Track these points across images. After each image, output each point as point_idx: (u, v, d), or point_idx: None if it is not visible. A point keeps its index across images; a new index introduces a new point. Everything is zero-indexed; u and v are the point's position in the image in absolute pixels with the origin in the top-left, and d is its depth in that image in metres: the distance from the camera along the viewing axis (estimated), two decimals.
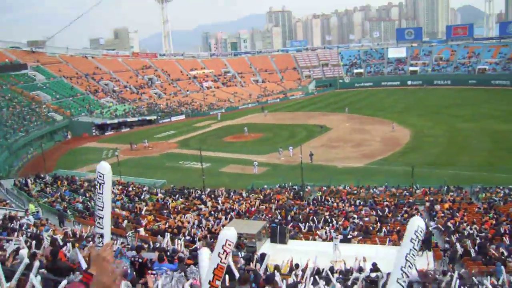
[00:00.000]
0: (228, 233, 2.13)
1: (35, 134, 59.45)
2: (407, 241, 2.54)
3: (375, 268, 14.33)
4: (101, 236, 2.71)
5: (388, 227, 24.20)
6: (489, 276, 16.71)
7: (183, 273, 8.37)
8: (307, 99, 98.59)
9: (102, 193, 2.76)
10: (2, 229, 17.63)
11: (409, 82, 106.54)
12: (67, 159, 53.71)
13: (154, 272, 10.50)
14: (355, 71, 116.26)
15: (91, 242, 17.02)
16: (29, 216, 22.91)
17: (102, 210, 2.74)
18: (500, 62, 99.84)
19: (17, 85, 73.75)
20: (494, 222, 23.89)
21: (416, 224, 2.62)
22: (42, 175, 39.03)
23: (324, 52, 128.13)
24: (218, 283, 2.09)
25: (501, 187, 33.06)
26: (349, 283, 12.53)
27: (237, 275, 7.53)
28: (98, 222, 2.75)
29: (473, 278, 16.59)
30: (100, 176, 2.77)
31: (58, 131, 67.01)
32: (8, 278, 6.29)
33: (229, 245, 2.11)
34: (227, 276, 8.19)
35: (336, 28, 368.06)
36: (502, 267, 16.93)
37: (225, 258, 2.08)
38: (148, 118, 77.10)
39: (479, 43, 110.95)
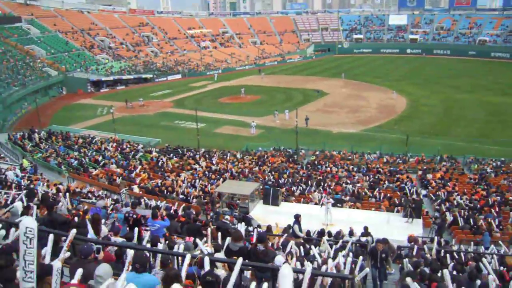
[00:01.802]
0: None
1: (30, 89, 58.81)
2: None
3: (366, 232, 14.56)
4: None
5: (380, 193, 24.47)
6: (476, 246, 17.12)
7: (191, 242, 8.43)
8: (305, 63, 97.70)
9: (33, 247, 2.67)
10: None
11: (408, 51, 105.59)
12: (61, 115, 53.41)
13: (147, 228, 10.66)
14: (355, 36, 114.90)
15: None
16: (15, 170, 22.94)
17: (33, 264, 2.65)
18: (501, 34, 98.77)
19: (10, 38, 72.36)
20: (484, 193, 24.21)
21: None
22: (36, 130, 38.85)
23: (324, 16, 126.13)
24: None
25: (493, 159, 33.37)
26: (339, 245, 12.75)
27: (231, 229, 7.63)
28: (30, 277, 2.65)
29: (458, 245, 16.97)
30: (30, 231, 2.66)
31: (52, 87, 66.34)
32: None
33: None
34: (220, 234, 8.32)
35: None
36: (489, 237, 17.32)
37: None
38: (144, 76, 76.36)
39: (482, 13, 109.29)
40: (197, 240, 7.56)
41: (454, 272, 10.24)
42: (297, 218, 14.29)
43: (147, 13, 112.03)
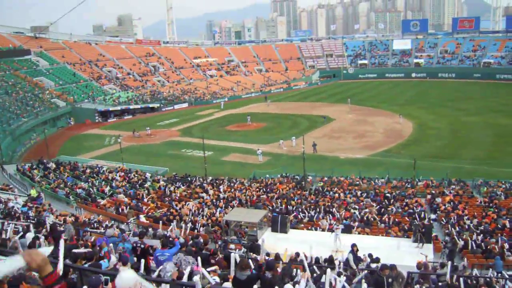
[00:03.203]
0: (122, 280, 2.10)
1: (38, 120, 59.51)
2: None
3: (373, 259, 14.39)
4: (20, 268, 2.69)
5: (389, 218, 24.25)
6: (490, 269, 16.82)
7: (186, 256, 8.42)
8: (310, 89, 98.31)
9: None
10: (5, 214, 17.79)
11: (413, 75, 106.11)
12: (69, 145, 53.82)
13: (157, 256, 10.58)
14: (360, 62, 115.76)
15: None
16: (17, 200, 23.05)
17: None
18: (505, 56, 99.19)
19: (20, 71, 73.70)
20: (495, 216, 23.92)
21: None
22: (45, 161, 39.15)
23: (329, 43, 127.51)
24: None
25: (502, 181, 33.04)
26: (349, 273, 12.59)
27: (238, 260, 7.58)
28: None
29: (470, 270, 16.67)
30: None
31: (61, 117, 67.07)
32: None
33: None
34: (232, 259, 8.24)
35: (341, 19, 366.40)
36: (501, 261, 17.03)
37: None
38: (151, 105, 77.06)
39: (485, 36, 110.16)
40: (203, 270, 7.53)
41: None
42: (353, 247, 14.05)
43: (154, 44, 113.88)
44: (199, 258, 8.26)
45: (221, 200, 28.33)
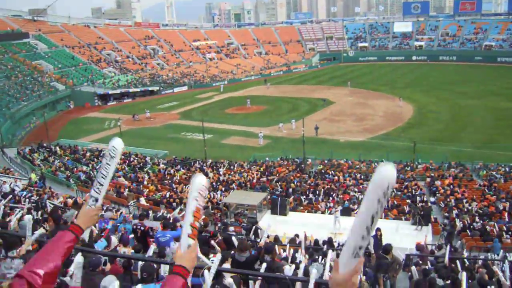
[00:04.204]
0: (197, 179, 2.18)
1: (38, 104, 59.37)
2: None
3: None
4: (96, 200, 2.79)
5: (388, 201, 24.34)
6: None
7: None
8: (310, 72, 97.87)
9: (110, 165, 2.81)
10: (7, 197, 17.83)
11: (414, 57, 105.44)
12: (69, 129, 53.81)
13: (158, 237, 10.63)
14: (360, 45, 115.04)
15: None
16: (17, 183, 23.14)
17: (105, 178, 2.79)
18: (507, 39, 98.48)
19: (19, 54, 73.24)
20: (494, 199, 24.03)
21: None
22: (45, 144, 39.20)
23: (329, 25, 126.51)
24: (197, 224, 2.20)
25: (502, 165, 33.16)
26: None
27: (236, 243, 7.63)
28: (98, 188, 2.80)
29: (468, 252, 16.82)
30: (114, 150, 2.80)
31: (60, 101, 66.88)
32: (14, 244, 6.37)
33: (202, 189, 2.17)
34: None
35: (341, 1, 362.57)
36: (499, 243, 17.15)
37: (202, 202, 2.19)
38: (150, 88, 76.79)
39: (487, 18, 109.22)
40: (200, 254, 7.58)
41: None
42: (376, 232, 14.02)
43: (153, 26, 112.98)
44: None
45: (221, 183, 28.44)
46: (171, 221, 14.75)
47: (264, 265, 6.53)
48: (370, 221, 1.85)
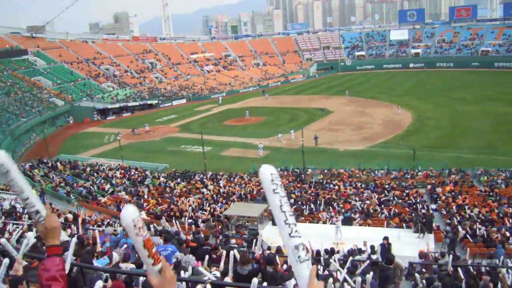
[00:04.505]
0: (127, 217, 2.08)
1: (37, 120, 59.45)
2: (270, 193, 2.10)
3: (374, 250, 14.43)
4: (37, 212, 2.72)
5: (389, 209, 24.29)
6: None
7: (190, 255, 8.44)
8: (308, 82, 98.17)
9: (13, 178, 2.72)
10: (8, 214, 17.81)
11: (411, 65, 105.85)
12: (69, 144, 53.82)
13: (159, 251, 10.57)
14: (357, 53, 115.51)
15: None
16: (18, 200, 23.08)
17: (24, 192, 2.71)
18: (503, 44, 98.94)
19: (18, 71, 73.48)
20: (495, 205, 23.96)
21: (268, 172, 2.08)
22: (45, 160, 39.18)
23: (326, 35, 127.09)
24: (154, 250, 2.14)
25: (503, 170, 33.10)
26: (349, 265, 12.62)
27: (237, 256, 7.59)
28: (28, 204, 2.72)
29: (471, 259, 16.71)
30: (1, 166, 2.71)
31: (60, 116, 66.98)
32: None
33: (137, 221, 2.08)
34: (231, 256, 8.27)
35: (337, 10, 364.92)
36: (502, 249, 17.06)
37: (144, 232, 2.10)
38: (149, 102, 76.98)
39: (483, 24, 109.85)
40: (200, 267, 7.54)
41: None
42: (383, 241, 14.00)
43: (150, 40, 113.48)
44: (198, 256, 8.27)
45: (221, 195, 28.38)
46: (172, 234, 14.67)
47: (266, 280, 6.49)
48: (282, 215, 2.00)
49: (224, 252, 10.58)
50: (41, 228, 2.63)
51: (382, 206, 25.18)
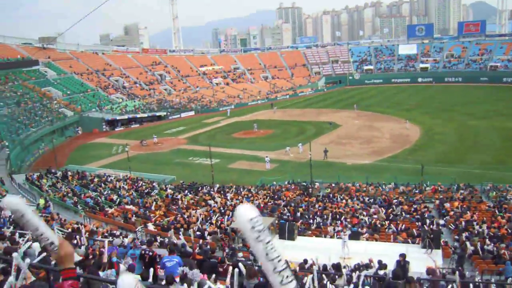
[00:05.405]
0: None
1: (46, 130, 59.97)
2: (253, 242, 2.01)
3: (381, 265, 14.32)
4: (52, 243, 2.78)
5: (397, 224, 24.13)
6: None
7: (195, 270, 8.44)
8: (316, 95, 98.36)
9: (28, 220, 2.77)
10: (15, 224, 17.88)
11: (419, 79, 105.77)
12: (77, 155, 54.15)
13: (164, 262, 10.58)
14: (365, 67, 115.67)
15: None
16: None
17: (38, 230, 2.77)
18: None
19: (28, 81, 74.38)
20: (504, 221, 23.72)
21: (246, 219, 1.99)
22: (53, 170, 39.42)
23: (334, 49, 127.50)
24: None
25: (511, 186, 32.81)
26: (355, 279, 12.54)
27: (243, 270, 7.59)
28: (42, 239, 2.79)
29: (480, 275, 16.53)
30: (16, 212, 2.76)
31: (69, 127, 67.57)
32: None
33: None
34: (235, 272, 8.29)
35: (346, 25, 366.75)
36: (511, 266, 16.85)
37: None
38: (158, 114, 77.42)
39: (491, 39, 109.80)
40: (206, 281, 7.54)
41: None
42: (399, 258, 13.71)
43: (160, 52, 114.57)
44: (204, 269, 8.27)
45: (229, 208, 28.34)
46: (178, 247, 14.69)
47: None
48: (270, 264, 1.73)
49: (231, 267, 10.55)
50: (56, 256, 2.71)
51: (390, 220, 25.02)
